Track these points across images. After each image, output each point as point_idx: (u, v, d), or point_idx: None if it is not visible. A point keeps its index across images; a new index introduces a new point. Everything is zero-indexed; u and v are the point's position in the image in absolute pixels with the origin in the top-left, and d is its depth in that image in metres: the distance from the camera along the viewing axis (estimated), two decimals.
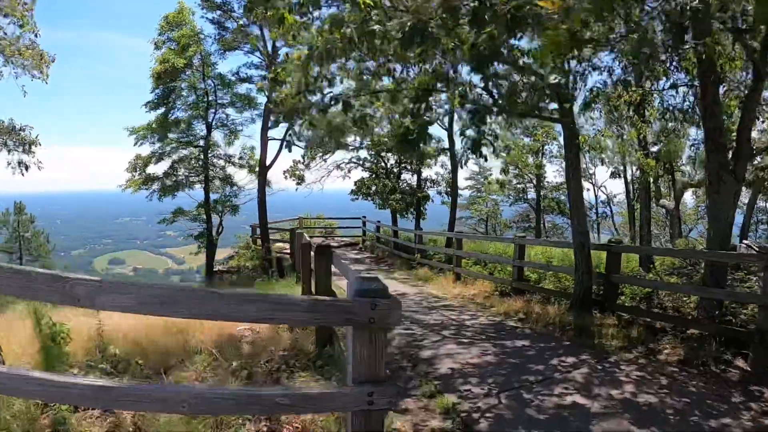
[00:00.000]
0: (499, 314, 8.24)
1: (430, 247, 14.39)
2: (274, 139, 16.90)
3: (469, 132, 6.22)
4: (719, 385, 4.75)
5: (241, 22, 16.81)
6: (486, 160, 10.70)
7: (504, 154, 18.38)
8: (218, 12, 18.03)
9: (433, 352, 5.97)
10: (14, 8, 12.55)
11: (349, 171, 20.60)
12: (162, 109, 18.88)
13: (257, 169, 16.56)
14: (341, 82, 6.92)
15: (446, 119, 15.58)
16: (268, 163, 15.95)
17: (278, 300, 2.42)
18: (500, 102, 6.45)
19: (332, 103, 6.59)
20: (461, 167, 15.94)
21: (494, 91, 6.57)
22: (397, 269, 15.58)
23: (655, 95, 7.47)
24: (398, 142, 6.23)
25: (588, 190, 29.25)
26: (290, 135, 13.52)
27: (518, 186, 31.02)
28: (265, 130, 14.82)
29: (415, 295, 10.51)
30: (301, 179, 19.45)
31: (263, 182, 15.45)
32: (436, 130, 19.50)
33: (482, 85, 6.93)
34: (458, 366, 5.39)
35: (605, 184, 28.57)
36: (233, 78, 19.16)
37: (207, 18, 18.54)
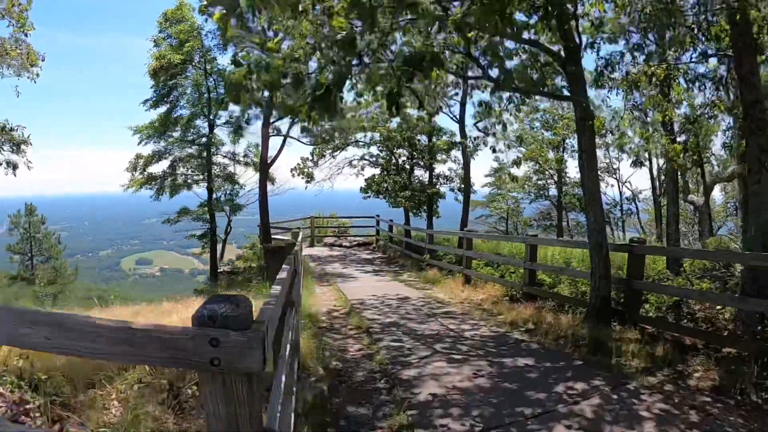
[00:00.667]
0: (504, 323, 7.34)
1: (440, 247, 13.52)
2: (276, 135, 16.28)
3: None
4: (762, 421, 3.79)
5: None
6: (494, 151, 9.71)
7: (517, 146, 17.32)
8: (218, 7, 17.58)
9: (418, 371, 5.12)
10: (10, 11, 12.33)
11: (362, 168, 19.86)
12: (164, 108, 18.48)
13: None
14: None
15: (457, 110, 14.73)
16: (270, 159, 15.32)
17: (62, 321, 1.57)
18: (500, 78, 5.53)
19: (284, 78, 5.77)
20: (473, 159, 15.04)
21: (491, 67, 5.65)
22: (407, 270, 14.75)
23: (681, 70, 6.39)
24: (310, 102, 5.32)
25: (612, 185, 27.90)
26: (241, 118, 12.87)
27: (539, 182, 29.81)
28: (265, 125, 14.18)
29: (417, 300, 9.66)
30: (310, 177, 18.78)
31: (264, 179, 14.82)
32: (447, 123, 18.52)
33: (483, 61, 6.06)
34: (442, 391, 4.54)
35: (630, 179, 27.11)
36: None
37: (207, 13, 18.09)
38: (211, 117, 19.02)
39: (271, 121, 14.30)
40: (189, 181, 19.19)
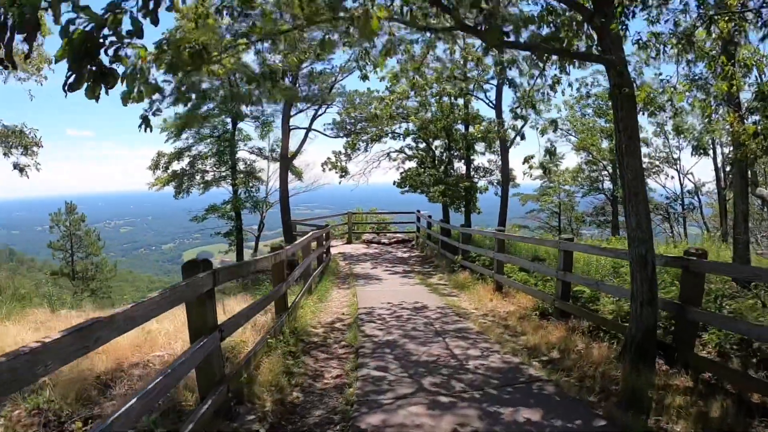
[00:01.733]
0: (524, 349, 6.04)
1: (472, 247, 12.19)
2: (298, 127, 15.53)
3: None
4: None
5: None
6: (523, 138, 8.42)
7: (552, 131, 15.52)
8: None
9: (384, 419, 4.01)
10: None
11: (402, 161, 18.71)
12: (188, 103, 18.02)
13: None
14: None
15: (494, 95, 13.26)
16: (291, 153, 14.59)
17: None
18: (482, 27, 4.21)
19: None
20: (513, 148, 13.56)
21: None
22: (439, 272, 13.52)
23: (750, 21, 4.72)
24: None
25: (672, 177, 25.26)
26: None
27: (591, 174, 27.50)
28: (286, 117, 13.43)
29: (434, 311, 8.47)
30: (344, 171, 17.87)
31: (285, 174, 14.09)
32: (485, 110, 17.00)
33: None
34: None
35: (693, 170, 24.28)
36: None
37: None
38: (235, 111, 18.48)
39: (293, 113, 13.52)
40: (218, 177, 18.79)
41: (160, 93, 3.67)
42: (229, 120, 18.52)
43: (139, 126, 4.06)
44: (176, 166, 19.11)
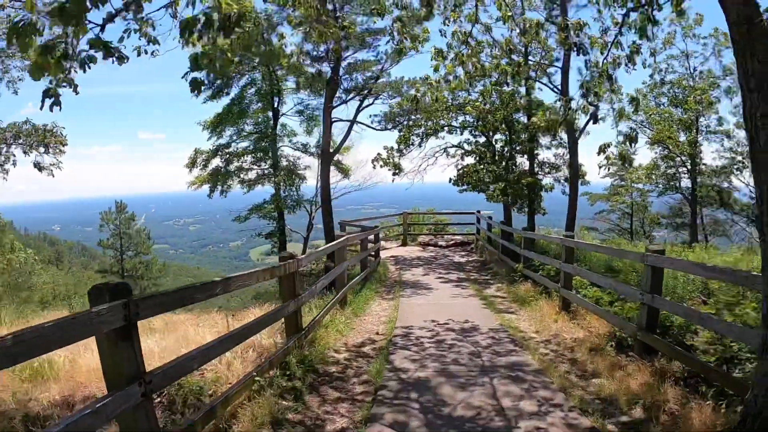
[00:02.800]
0: (597, 400, 4.58)
1: (535, 254, 10.56)
2: (340, 119, 14.44)
3: None
4: None
5: None
6: (596, 121, 6.97)
7: (633, 115, 13.28)
8: None
9: None
10: None
11: (461, 157, 17.20)
12: (227, 99, 17.39)
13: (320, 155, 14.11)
14: None
15: (558, 79, 11.52)
16: (333, 147, 13.56)
17: None
18: None
19: None
20: (582, 138, 11.75)
21: None
22: (498, 281, 12.00)
23: None
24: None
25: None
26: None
27: (668, 171, 24.56)
28: (327, 109, 12.42)
29: (485, 335, 7.08)
30: (397, 168, 16.66)
31: (326, 171, 13.05)
32: (549, 97, 15.12)
33: None
34: None
35: None
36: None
37: None
38: (276, 105, 17.74)
39: (335, 104, 12.48)
40: (261, 175, 18.09)
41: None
42: (270, 114, 17.82)
43: (41, 103, 3.06)
44: (217, 164, 18.61)
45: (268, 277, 5.37)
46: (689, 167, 22.71)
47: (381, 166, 16.42)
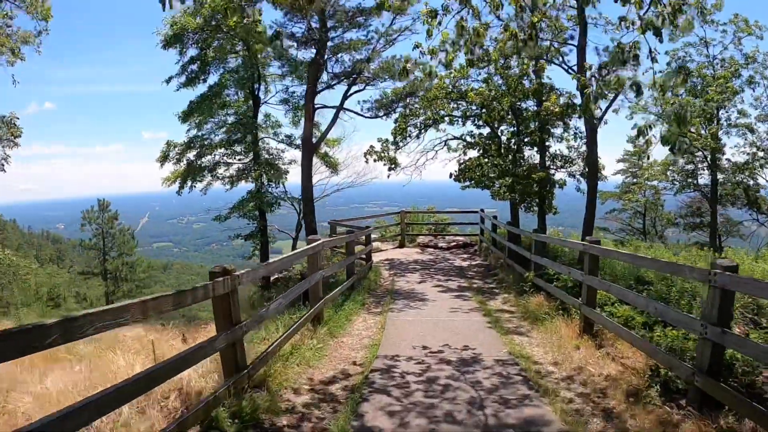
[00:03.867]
0: None
1: (549, 261, 9.01)
2: (325, 106, 12.87)
3: None
4: None
5: None
6: (639, 92, 5.47)
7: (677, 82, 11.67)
8: None
9: None
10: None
11: (464, 151, 15.61)
12: (203, 87, 15.76)
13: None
14: None
15: (573, 59, 9.95)
16: (318, 137, 12.04)
17: None
18: None
19: None
20: (601, 126, 10.20)
21: None
22: (505, 290, 10.46)
23: None
24: None
25: None
26: None
27: (686, 167, 22.93)
28: (311, 93, 10.93)
29: (489, 370, 5.57)
30: (392, 163, 15.11)
31: (308, 163, 11.51)
32: (562, 80, 13.50)
33: None
34: None
35: None
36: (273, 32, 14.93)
37: None
38: (257, 93, 16.19)
39: (319, 89, 10.97)
40: (242, 169, 16.40)
41: None
42: (251, 102, 16.08)
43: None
44: (192, 157, 16.72)
45: (189, 300, 3.87)
46: (710, 162, 21.10)
47: (375, 161, 14.87)
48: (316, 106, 12.04)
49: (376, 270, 12.98)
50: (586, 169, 11.61)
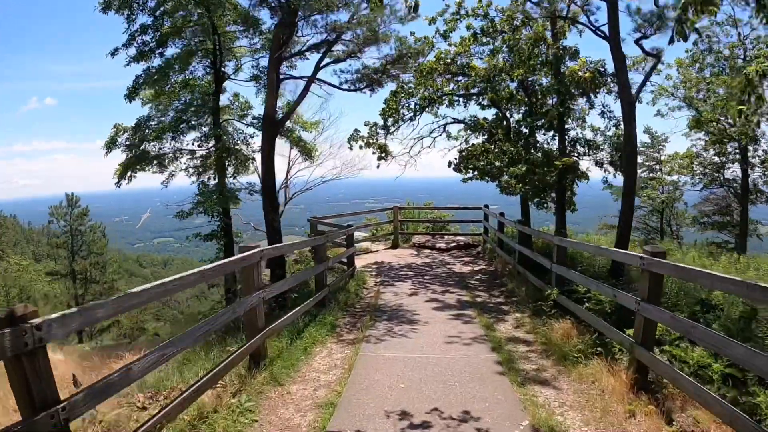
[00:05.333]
0: None
1: (579, 276, 6.80)
2: (293, 77, 10.63)
3: None
4: None
5: None
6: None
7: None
8: None
9: None
10: None
11: (466, 140, 13.36)
12: (157, 62, 13.09)
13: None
14: None
15: (603, 17, 7.72)
16: (282, 113, 9.86)
17: None
18: None
19: None
20: (639, 101, 8.03)
21: None
22: (516, 308, 8.27)
23: None
24: None
25: None
26: None
27: (714, 159, 20.62)
28: (275, 62, 8.76)
29: None
30: (383, 151, 12.87)
31: (269, 145, 9.29)
32: (587, 43, 11.25)
33: None
34: None
35: None
36: None
37: None
38: (219, 66, 13.83)
39: (286, 55, 8.76)
40: (203, 158, 14.02)
41: None
42: (210, 77, 13.51)
43: None
44: (144, 145, 13.83)
45: None
46: (741, 153, 18.87)
47: (362, 148, 12.70)
48: (282, 76, 9.84)
49: (359, 277, 10.82)
50: (619, 156, 9.46)
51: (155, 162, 14.03)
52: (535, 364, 5.65)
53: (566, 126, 10.51)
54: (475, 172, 11.77)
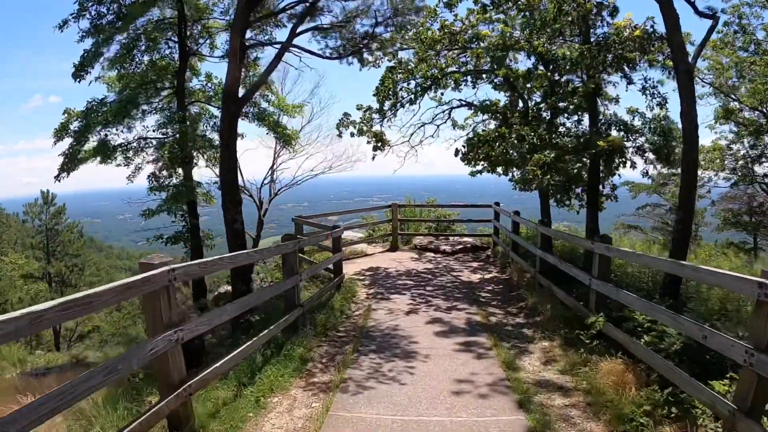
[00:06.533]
0: None
1: (633, 295, 5.03)
2: (260, 43, 8.85)
3: None
4: None
5: None
6: None
7: None
8: None
9: None
10: None
11: (474, 129, 11.58)
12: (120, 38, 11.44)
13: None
14: None
15: None
16: (245, 86, 8.11)
17: None
18: None
19: None
20: (698, 56, 6.23)
21: None
22: (542, 332, 6.50)
23: None
24: None
25: None
26: None
27: (744, 153, 18.76)
28: (240, 24, 7.06)
29: None
30: (378, 140, 11.12)
31: (230, 126, 7.51)
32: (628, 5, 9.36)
33: None
34: None
35: None
36: None
37: None
38: (186, 41, 11.61)
39: (252, 19, 7.01)
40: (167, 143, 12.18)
41: None
42: (177, 56, 11.59)
43: None
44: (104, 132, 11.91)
45: None
46: None
47: (353, 135, 10.91)
48: (248, 43, 8.10)
49: (348, 288, 9.07)
50: (664, 142, 7.70)
51: (118, 153, 12.24)
52: (581, 428, 3.92)
53: (597, 101, 8.66)
54: (486, 164, 9.96)
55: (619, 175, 8.84)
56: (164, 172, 12.48)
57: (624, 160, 8.20)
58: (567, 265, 6.81)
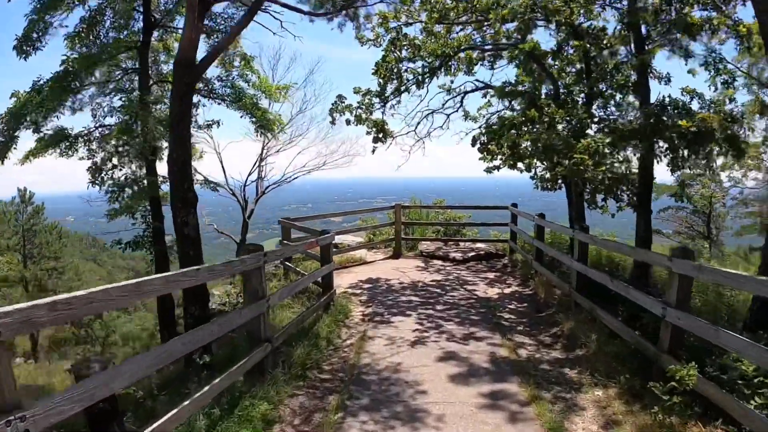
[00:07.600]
0: None
1: (743, 340, 3.48)
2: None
3: None
4: None
5: None
6: None
7: None
8: None
9: None
10: None
11: (487, 120, 10.01)
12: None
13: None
14: None
15: None
16: (202, 54, 6.61)
17: None
18: None
19: None
20: None
21: None
22: (590, 378, 4.87)
23: None
24: None
25: None
26: None
27: None
28: None
29: None
30: (378, 129, 9.47)
31: (182, 103, 5.91)
32: None
33: None
34: None
35: None
36: None
37: None
38: (153, 14, 10.14)
39: None
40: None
41: None
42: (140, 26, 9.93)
43: None
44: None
45: None
46: None
47: (349, 123, 9.30)
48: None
49: (341, 306, 7.48)
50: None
51: (79, 144, 10.66)
52: None
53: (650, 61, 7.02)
54: (509, 155, 8.33)
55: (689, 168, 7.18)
56: (110, 164, 10.88)
57: (721, 147, 6.50)
58: (626, 287, 5.16)
